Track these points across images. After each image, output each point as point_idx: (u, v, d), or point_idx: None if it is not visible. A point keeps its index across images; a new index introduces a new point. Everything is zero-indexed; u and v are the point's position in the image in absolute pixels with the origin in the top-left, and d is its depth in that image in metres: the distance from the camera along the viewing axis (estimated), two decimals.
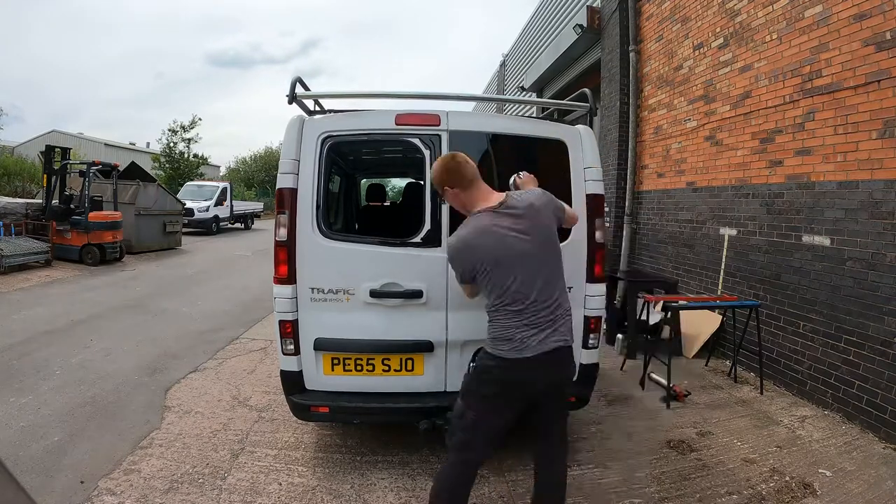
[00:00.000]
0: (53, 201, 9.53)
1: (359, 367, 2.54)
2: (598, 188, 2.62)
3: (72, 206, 9.67)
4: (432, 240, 2.50)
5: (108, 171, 10.63)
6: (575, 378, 2.22)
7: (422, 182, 2.63)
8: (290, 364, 2.52)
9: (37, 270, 8.53)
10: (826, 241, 3.65)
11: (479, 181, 1.97)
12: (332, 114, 2.95)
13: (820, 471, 2.74)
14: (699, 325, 4.79)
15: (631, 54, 6.49)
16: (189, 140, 26.73)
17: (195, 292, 7.48)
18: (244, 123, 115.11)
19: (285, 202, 2.43)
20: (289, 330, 2.48)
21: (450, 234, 2.48)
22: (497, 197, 1.95)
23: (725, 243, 4.73)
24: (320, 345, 2.51)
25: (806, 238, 3.83)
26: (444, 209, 2.48)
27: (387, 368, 2.55)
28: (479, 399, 1.91)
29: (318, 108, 3.05)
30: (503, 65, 13.64)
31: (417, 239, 2.52)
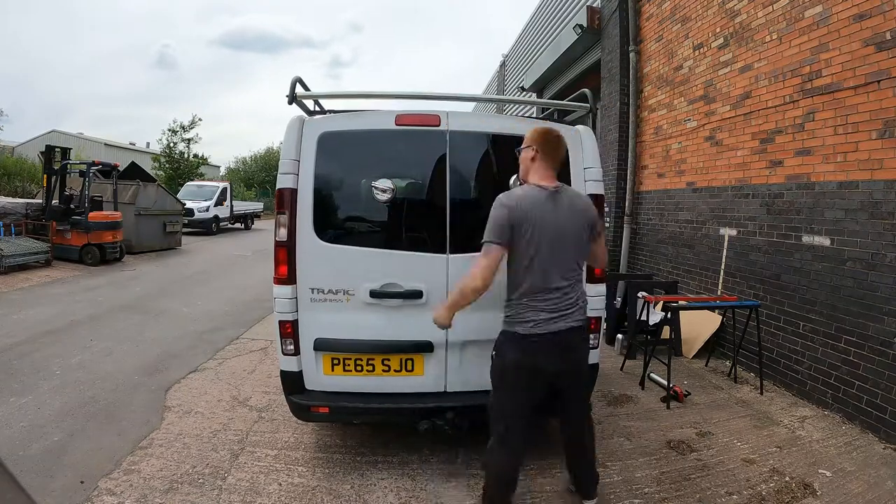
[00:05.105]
0: (53, 201, 9.52)
1: (359, 368, 2.54)
2: (598, 188, 2.62)
3: (72, 206, 9.66)
4: (434, 242, 2.50)
5: (108, 171, 10.64)
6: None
7: (422, 183, 2.63)
8: (290, 364, 2.52)
9: (37, 270, 8.53)
10: (826, 242, 3.65)
11: (555, 167, 2.10)
12: (332, 114, 2.95)
13: (820, 471, 2.74)
14: (699, 325, 4.79)
15: (631, 54, 6.49)
16: (189, 140, 26.75)
17: (195, 292, 7.48)
18: (255, 117, 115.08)
19: (285, 202, 2.44)
20: (289, 330, 2.48)
21: (451, 237, 2.49)
22: (554, 183, 2.07)
23: (725, 243, 4.73)
24: (320, 345, 2.51)
25: (806, 238, 3.83)
26: (446, 210, 2.48)
27: (387, 369, 2.54)
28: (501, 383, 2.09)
29: (318, 109, 3.06)
30: (503, 65, 13.64)
31: (418, 242, 2.52)
